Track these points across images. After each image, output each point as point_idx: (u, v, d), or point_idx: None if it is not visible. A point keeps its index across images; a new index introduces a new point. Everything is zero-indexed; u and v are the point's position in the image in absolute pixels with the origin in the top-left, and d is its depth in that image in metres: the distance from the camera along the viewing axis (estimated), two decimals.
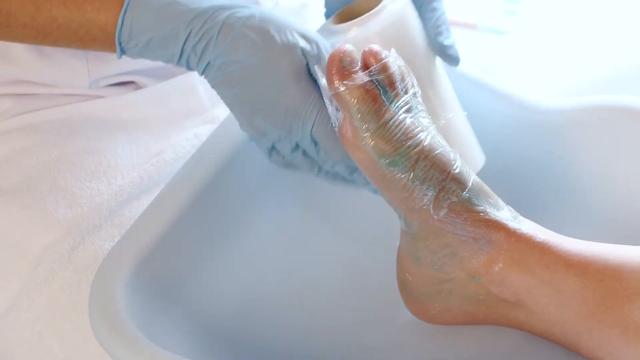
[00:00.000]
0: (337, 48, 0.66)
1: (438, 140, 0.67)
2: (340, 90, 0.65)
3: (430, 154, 0.66)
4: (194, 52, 0.69)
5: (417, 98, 0.68)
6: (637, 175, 0.78)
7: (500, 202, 0.68)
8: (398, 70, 0.67)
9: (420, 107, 0.68)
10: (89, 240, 0.79)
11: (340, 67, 0.65)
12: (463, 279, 0.68)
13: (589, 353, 0.65)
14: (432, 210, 0.66)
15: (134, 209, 0.80)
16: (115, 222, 0.80)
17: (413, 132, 0.66)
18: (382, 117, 0.65)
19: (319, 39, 0.71)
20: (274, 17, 0.70)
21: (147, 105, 0.87)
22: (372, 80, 0.66)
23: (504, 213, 0.67)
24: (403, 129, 0.65)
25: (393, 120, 0.65)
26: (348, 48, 0.66)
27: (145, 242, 0.72)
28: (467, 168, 0.67)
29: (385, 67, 0.66)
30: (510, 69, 1.06)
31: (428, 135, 0.66)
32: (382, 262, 0.75)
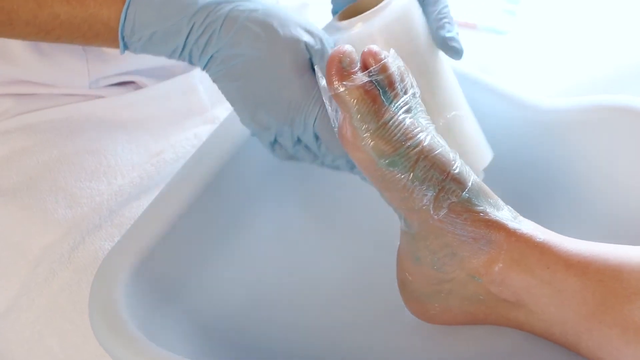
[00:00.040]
0: (336, 49, 0.66)
1: (438, 141, 0.67)
2: (340, 91, 0.65)
3: (430, 154, 0.66)
4: (197, 45, 0.69)
5: (416, 98, 0.68)
6: (637, 175, 0.78)
7: (500, 202, 0.68)
8: (397, 71, 0.67)
9: (420, 107, 0.68)
10: (89, 240, 0.79)
11: (340, 67, 0.65)
12: (463, 279, 0.68)
13: (589, 353, 0.65)
14: (432, 211, 0.66)
15: (134, 209, 0.80)
16: (115, 222, 0.80)
17: (413, 132, 0.66)
18: (381, 117, 0.65)
19: (323, 34, 0.71)
20: (278, 11, 0.70)
21: (147, 105, 0.87)
22: (371, 81, 0.65)
23: (504, 213, 0.67)
24: (402, 130, 0.65)
25: (393, 121, 0.65)
26: (347, 49, 0.66)
27: (145, 242, 0.72)
28: (466, 168, 0.67)
29: (385, 67, 0.66)
30: (510, 69, 1.06)
31: (428, 136, 0.66)
32: (382, 262, 0.75)
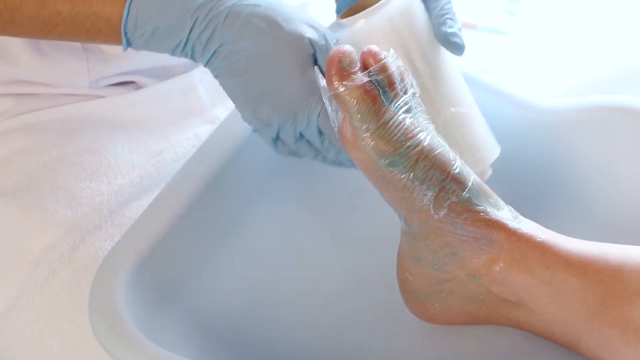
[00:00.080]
0: (336, 49, 0.66)
1: (438, 141, 0.67)
2: (340, 91, 0.65)
3: (430, 154, 0.66)
4: (199, 40, 0.69)
5: (416, 98, 0.68)
6: (637, 175, 0.78)
7: (501, 201, 0.68)
8: (397, 71, 0.67)
9: (420, 107, 0.68)
10: (89, 240, 0.79)
11: (340, 67, 0.65)
12: (463, 279, 0.68)
13: (589, 353, 0.65)
14: (432, 210, 0.66)
15: (134, 209, 0.80)
16: (116, 222, 0.80)
17: (413, 132, 0.66)
18: (381, 117, 0.65)
19: (326, 31, 0.71)
20: (281, 6, 0.70)
21: (147, 105, 0.87)
22: (371, 81, 0.65)
23: (504, 213, 0.67)
24: (403, 129, 0.65)
25: (393, 121, 0.65)
26: (347, 48, 0.66)
27: (145, 242, 0.72)
28: (467, 168, 0.67)
29: (385, 67, 0.66)
30: (510, 69, 1.06)
31: (428, 136, 0.66)
32: (382, 262, 0.74)
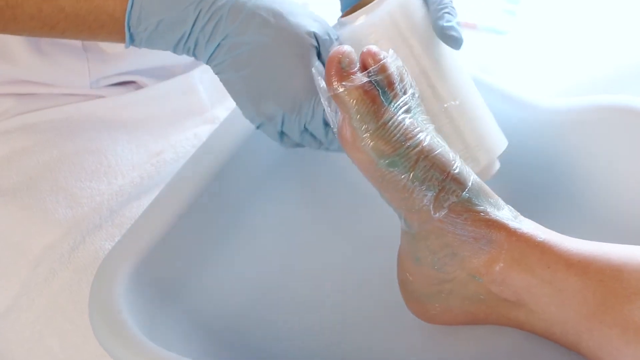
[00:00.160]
0: (335, 49, 0.66)
1: (437, 141, 0.67)
2: (339, 92, 0.65)
3: (430, 154, 0.66)
4: (203, 33, 0.68)
5: (416, 98, 0.68)
6: (637, 175, 0.78)
7: (501, 201, 0.68)
8: (396, 71, 0.67)
9: (419, 107, 0.68)
10: (89, 240, 0.79)
11: (339, 68, 0.65)
12: (464, 279, 0.68)
13: (589, 353, 0.65)
14: (432, 211, 0.66)
15: (134, 209, 0.80)
16: (116, 222, 0.80)
17: (412, 132, 0.66)
18: (381, 117, 0.65)
19: (329, 27, 0.71)
20: (284, 0, 0.69)
21: (147, 105, 0.87)
22: (370, 81, 0.66)
23: (505, 213, 0.67)
24: (402, 130, 0.65)
25: (392, 121, 0.65)
26: (346, 49, 0.66)
27: (145, 242, 0.72)
28: (467, 168, 0.67)
29: (384, 67, 0.66)
30: (510, 69, 1.06)
31: (427, 136, 0.66)
32: (382, 262, 0.74)
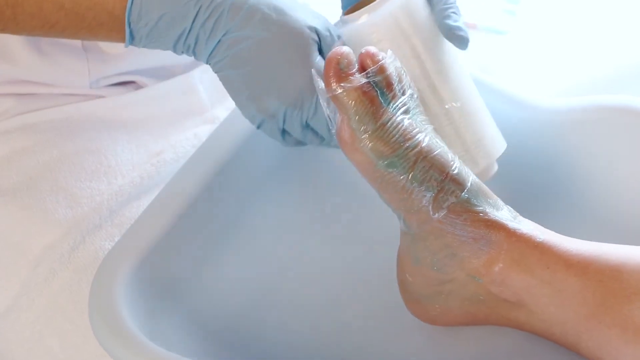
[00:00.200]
0: (333, 50, 0.66)
1: (436, 141, 0.67)
2: (338, 93, 0.65)
3: (429, 155, 0.66)
4: (203, 29, 0.68)
5: (414, 99, 0.68)
6: (637, 175, 0.78)
7: (500, 202, 0.68)
8: (395, 72, 0.67)
9: (418, 108, 0.68)
10: (89, 240, 0.79)
11: (338, 69, 0.65)
12: (463, 280, 0.68)
13: (589, 353, 0.65)
14: (431, 211, 0.66)
15: (134, 209, 0.80)
16: (116, 222, 0.80)
17: (411, 133, 0.66)
18: (379, 118, 0.65)
19: (330, 24, 0.71)
20: None
21: (147, 105, 0.87)
22: (369, 82, 0.66)
23: (504, 213, 0.67)
24: (401, 131, 0.65)
25: (391, 122, 0.65)
26: (345, 50, 0.66)
27: (145, 242, 0.72)
28: (465, 169, 0.67)
29: (382, 68, 0.66)
30: (510, 69, 1.06)
31: (426, 137, 0.66)
32: (382, 263, 0.74)
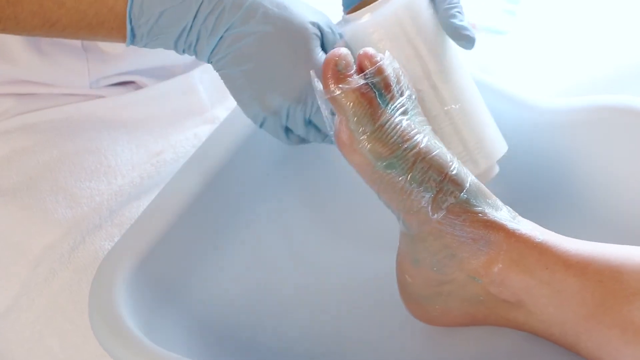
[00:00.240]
0: (331, 52, 0.66)
1: (435, 142, 0.67)
2: (336, 94, 0.65)
3: (427, 156, 0.66)
4: (205, 25, 0.68)
5: (412, 100, 0.68)
6: (637, 175, 0.78)
7: (499, 202, 0.68)
8: (393, 73, 0.67)
9: (416, 109, 0.68)
10: (89, 240, 0.79)
11: (336, 70, 0.65)
12: (463, 280, 0.68)
13: (588, 354, 0.65)
14: (430, 212, 0.66)
15: (134, 209, 0.80)
16: (116, 222, 0.80)
17: (409, 134, 0.66)
18: (378, 119, 0.65)
19: (331, 22, 0.71)
20: None
21: (147, 105, 0.87)
22: (367, 83, 0.66)
23: (503, 213, 0.67)
24: (399, 132, 0.65)
25: (389, 123, 0.65)
26: (343, 51, 0.66)
27: (145, 242, 0.72)
28: (464, 169, 0.67)
29: (381, 69, 0.66)
30: (510, 69, 1.06)
31: (425, 137, 0.66)
32: (381, 264, 0.74)
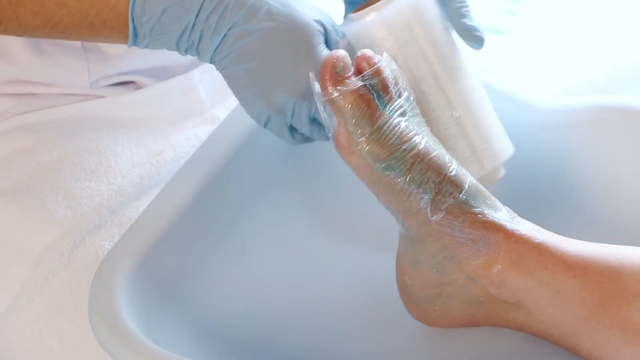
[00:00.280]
0: (329, 54, 0.66)
1: (433, 144, 0.67)
2: (334, 96, 0.65)
3: (426, 157, 0.66)
4: (208, 24, 0.68)
5: (411, 101, 0.68)
6: (637, 175, 0.78)
7: (498, 203, 0.68)
8: (391, 74, 0.67)
9: (415, 110, 0.68)
10: (89, 240, 0.79)
11: (334, 73, 0.65)
12: (462, 281, 0.68)
13: (588, 354, 0.65)
14: (429, 213, 0.66)
15: (134, 209, 0.81)
16: (115, 222, 0.80)
17: (408, 135, 0.66)
18: (376, 121, 0.65)
19: (334, 21, 0.71)
20: None
21: (147, 105, 0.87)
22: (365, 85, 0.66)
23: (502, 214, 0.67)
24: (398, 133, 0.65)
25: (387, 125, 0.65)
26: (341, 53, 0.66)
27: (145, 242, 0.72)
28: (463, 170, 0.67)
29: (379, 71, 0.66)
30: (510, 69, 1.06)
31: (423, 139, 0.66)
32: (381, 265, 0.75)
